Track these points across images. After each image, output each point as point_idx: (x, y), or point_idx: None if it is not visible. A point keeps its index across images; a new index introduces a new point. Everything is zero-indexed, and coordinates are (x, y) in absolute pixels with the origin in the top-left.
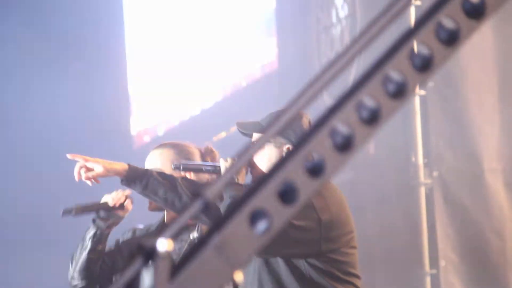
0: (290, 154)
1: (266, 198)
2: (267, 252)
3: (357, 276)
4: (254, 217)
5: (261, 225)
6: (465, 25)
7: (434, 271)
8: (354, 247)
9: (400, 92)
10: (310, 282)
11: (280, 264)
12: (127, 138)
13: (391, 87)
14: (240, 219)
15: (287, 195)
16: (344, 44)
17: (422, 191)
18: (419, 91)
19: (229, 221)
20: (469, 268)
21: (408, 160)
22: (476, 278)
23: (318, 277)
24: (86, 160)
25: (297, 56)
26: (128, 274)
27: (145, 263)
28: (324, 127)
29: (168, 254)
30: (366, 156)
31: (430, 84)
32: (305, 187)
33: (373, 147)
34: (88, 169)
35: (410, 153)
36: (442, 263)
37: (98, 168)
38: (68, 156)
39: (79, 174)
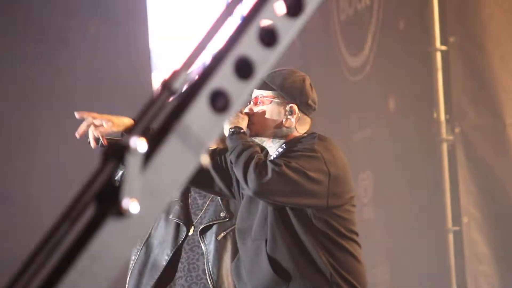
0: (239, 27)
1: (222, 76)
2: (279, 200)
3: (356, 234)
4: (213, 98)
5: (221, 104)
6: None
7: (456, 228)
8: (354, 206)
9: None
10: (319, 234)
11: (291, 218)
12: (149, 95)
13: None
14: (199, 102)
15: (243, 70)
16: None
17: (444, 147)
18: (441, 47)
19: (188, 106)
20: (491, 224)
21: (429, 116)
22: (498, 234)
23: (326, 231)
24: (94, 118)
25: (319, 13)
26: (105, 172)
27: (119, 160)
28: None
29: (139, 149)
30: (386, 113)
31: (452, 39)
32: (261, 58)
33: (393, 103)
34: (96, 126)
35: (432, 109)
36: (465, 219)
37: (107, 123)
38: (76, 114)
39: (83, 131)
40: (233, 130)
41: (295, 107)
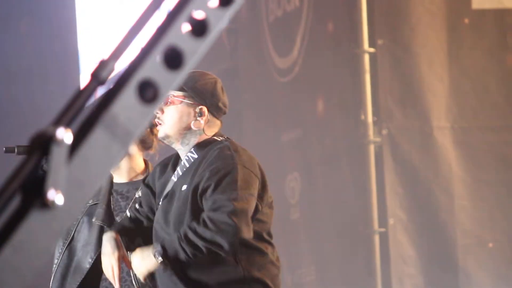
0: (169, 17)
1: (151, 67)
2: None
3: (272, 236)
4: (141, 88)
5: (149, 94)
6: None
7: (382, 230)
8: (272, 208)
9: None
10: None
11: None
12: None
13: None
14: (127, 93)
15: (172, 60)
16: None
17: (371, 149)
18: (369, 49)
19: (116, 96)
20: (417, 226)
21: (357, 118)
22: (424, 236)
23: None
24: None
25: (248, 14)
26: (30, 163)
27: (44, 151)
28: None
29: (65, 146)
30: (314, 114)
31: (380, 41)
32: (191, 48)
33: (321, 104)
34: None
35: (359, 111)
36: (391, 221)
37: None
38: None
39: None
40: (159, 258)
41: (204, 109)
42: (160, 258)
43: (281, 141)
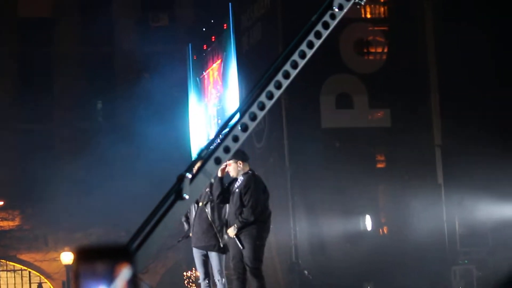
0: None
1: (220, 150)
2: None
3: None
4: (216, 160)
5: (217, 161)
6: None
7: None
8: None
9: None
10: None
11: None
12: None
13: None
14: (210, 163)
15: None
16: None
17: None
18: None
19: (205, 164)
20: None
21: None
22: None
23: None
24: None
25: None
26: (176, 185)
27: (182, 180)
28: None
29: (189, 179)
30: None
31: None
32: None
33: None
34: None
35: None
36: None
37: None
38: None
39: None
40: (235, 228)
41: (240, 162)
42: (235, 228)
43: None
